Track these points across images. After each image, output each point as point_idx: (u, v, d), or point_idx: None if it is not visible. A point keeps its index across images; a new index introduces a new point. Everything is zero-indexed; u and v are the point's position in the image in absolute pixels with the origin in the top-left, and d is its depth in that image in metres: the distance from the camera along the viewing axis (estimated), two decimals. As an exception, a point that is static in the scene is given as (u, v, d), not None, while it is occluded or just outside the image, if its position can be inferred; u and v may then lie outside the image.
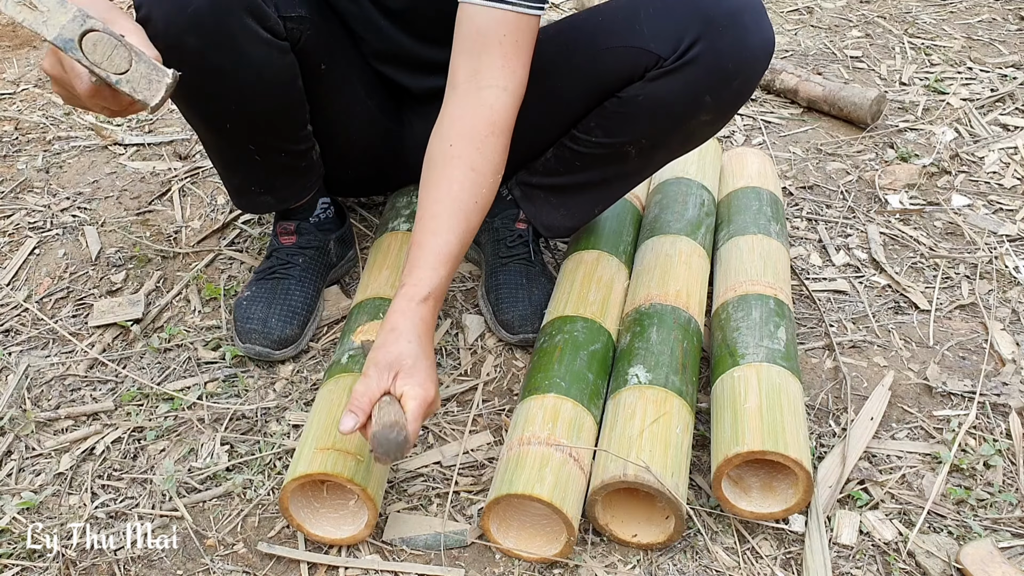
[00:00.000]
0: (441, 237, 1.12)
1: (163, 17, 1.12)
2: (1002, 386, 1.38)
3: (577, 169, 1.41)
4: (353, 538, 1.13)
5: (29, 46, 2.43)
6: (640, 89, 1.28)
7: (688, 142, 1.38)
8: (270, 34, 1.18)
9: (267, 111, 1.25)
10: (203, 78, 1.17)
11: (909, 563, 1.13)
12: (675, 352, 1.27)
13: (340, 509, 1.15)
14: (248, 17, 1.15)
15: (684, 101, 1.27)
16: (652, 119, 1.30)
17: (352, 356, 1.26)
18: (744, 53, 1.23)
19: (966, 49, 2.47)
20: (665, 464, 1.10)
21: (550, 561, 1.12)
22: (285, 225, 1.49)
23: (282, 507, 1.12)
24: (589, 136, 1.35)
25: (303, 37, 1.25)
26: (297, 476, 1.09)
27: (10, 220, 1.75)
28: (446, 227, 1.13)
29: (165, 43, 1.12)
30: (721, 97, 1.27)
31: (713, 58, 1.22)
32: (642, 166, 1.40)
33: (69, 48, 0.90)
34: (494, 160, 1.18)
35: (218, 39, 1.14)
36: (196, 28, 1.12)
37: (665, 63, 1.25)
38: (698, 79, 1.24)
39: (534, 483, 1.08)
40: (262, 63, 1.19)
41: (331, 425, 1.14)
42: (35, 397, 1.36)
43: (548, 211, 1.48)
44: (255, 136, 1.30)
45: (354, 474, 1.09)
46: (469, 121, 1.17)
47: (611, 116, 1.32)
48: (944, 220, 1.78)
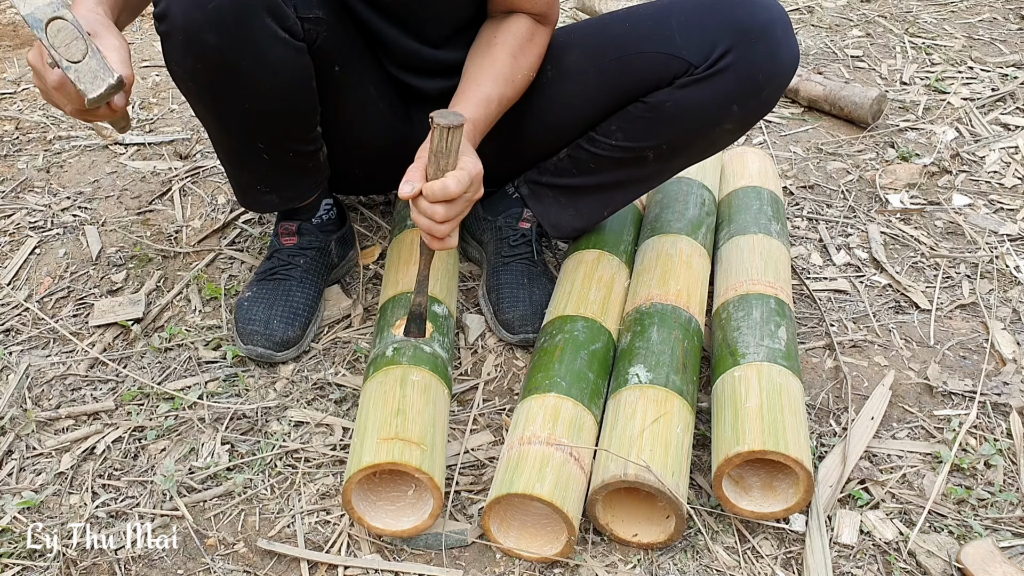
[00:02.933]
0: (481, 88, 1.27)
1: (182, 12, 1.12)
2: (1003, 385, 1.38)
3: (591, 171, 1.41)
4: (416, 529, 1.12)
5: (29, 46, 2.43)
6: (668, 95, 1.29)
7: (708, 150, 1.39)
8: (288, 34, 1.18)
9: (280, 111, 1.25)
10: (218, 75, 1.17)
11: (910, 563, 1.13)
12: (676, 352, 1.27)
13: (397, 501, 1.14)
14: (268, 17, 1.14)
15: (711, 109, 1.28)
16: (677, 125, 1.31)
17: (397, 349, 1.25)
18: (775, 65, 1.25)
19: (967, 48, 2.46)
20: (666, 464, 1.10)
21: (551, 560, 1.12)
22: (287, 225, 1.49)
23: (344, 500, 1.11)
24: (608, 139, 1.36)
25: (319, 38, 1.24)
26: (364, 467, 1.08)
27: (11, 220, 1.75)
28: (487, 82, 1.28)
29: (183, 38, 1.13)
30: (748, 107, 1.28)
31: (744, 68, 1.24)
32: (658, 171, 1.41)
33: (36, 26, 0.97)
34: (531, 60, 1.34)
35: (237, 37, 1.14)
36: (216, 25, 1.12)
37: (696, 71, 1.26)
38: (727, 88, 1.26)
39: (535, 483, 1.08)
40: (279, 63, 1.19)
41: (391, 415, 1.13)
42: (36, 396, 1.36)
43: (556, 211, 1.48)
44: (265, 135, 1.29)
45: (421, 462, 1.09)
46: (513, 27, 1.33)
47: (635, 120, 1.33)
48: (945, 220, 1.78)
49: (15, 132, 2.05)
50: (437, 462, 1.12)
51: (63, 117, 2.10)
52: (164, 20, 1.13)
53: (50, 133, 2.04)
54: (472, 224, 1.60)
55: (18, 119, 2.09)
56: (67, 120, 2.09)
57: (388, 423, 1.13)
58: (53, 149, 1.98)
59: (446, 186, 1.11)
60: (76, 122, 2.08)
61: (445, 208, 1.13)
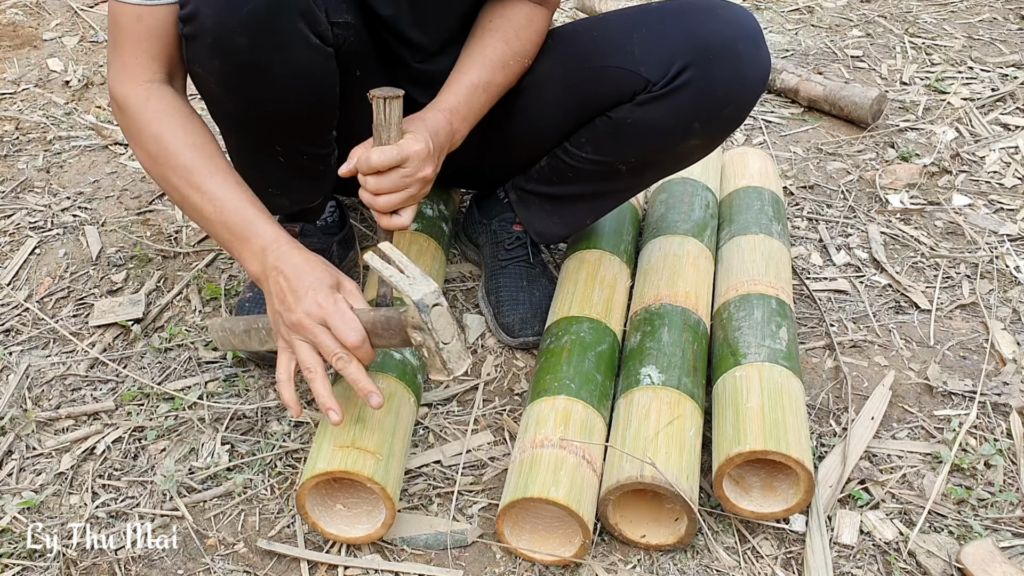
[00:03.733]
0: (467, 76, 1.26)
1: (213, 14, 1.09)
2: (1003, 385, 1.38)
3: (569, 180, 1.41)
4: (368, 537, 1.13)
5: (30, 46, 2.43)
6: (629, 112, 1.28)
7: (679, 163, 1.38)
8: (319, 39, 1.16)
9: (302, 114, 1.23)
10: (243, 77, 1.14)
11: (910, 563, 1.13)
12: (686, 354, 1.27)
13: (355, 508, 1.15)
14: (301, 21, 1.12)
15: (672, 126, 1.27)
16: (640, 142, 1.30)
17: None
18: (736, 82, 1.23)
19: (967, 48, 2.46)
20: (680, 467, 1.11)
21: (566, 563, 1.11)
22: (290, 227, 1.48)
23: (299, 504, 1.11)
24: (580, 151, 1.36)
25: (345, 43, 1.23)
26: (316, 473, 1.09)
27: (11, 220, 1.75)
28: (474, 69, 1.26)
29: (212, 40, 1.10)
30: (711, 124, 1.27)
31: (703, 86, 1.22)
32: (633, 183, 1.41)
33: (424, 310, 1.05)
34: (526, 46, 1.31)
35: (268, 40, 1.11)
36: (248, 28, 1.09)
37: (654, 88, 1.24)
38: (686, 106, 1.24)
39: (550, 486, 1.08)
40: (307, 67, 1.17)
41: (349, 423, 1.14)
42: (36, 397, 1.36)
43: (542, 217, 1.48)
44: (284, 137, 1.27)
45: (374, 473, 1.09)
46: (508, 12, 1.30)
47: (601, 135, 1.32)
48: (945, 220, 1.78)
49: (15, 132, 2.04)
50: (393, 472, 1.12)
51: (63, 117, 2.10)
52: (192, 22, 1.10)
53: (50, 133, 2.04)
54: (469, 227, 1.61)
55: (18, 119, 2.09)
56: (67, 120, 2.09)
57: (346, 431, 1.13)
58: (53, 149, 1.98)
59: (368, 158, 1.13)
60: (76, 122, 2.08)
61: (375, 180, 1.14)
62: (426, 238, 1.49)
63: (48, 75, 2.28)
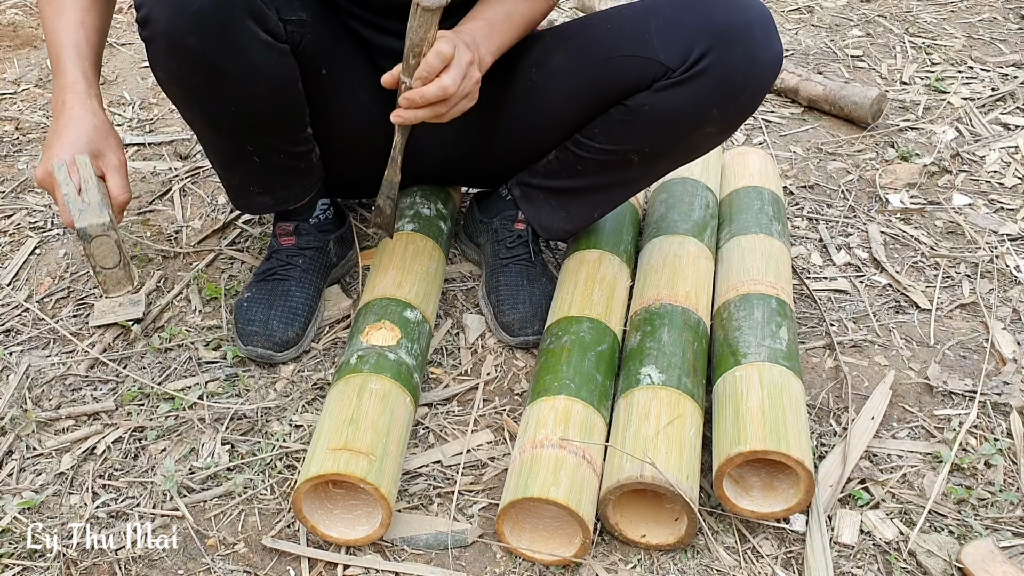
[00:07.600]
0: (487, 11, 1.27)
1: (164, 17, 1.12)
2: (1003, 385, 1.38)
3: (579, 173, 1.41)
4: (368, 538, 1.13)
5: (30, 46, 2.43)
6: (647, 99, 1.28)
7: (692, 152, 1.38)
8: (270, 36, 1.18)
9: (266, 112, 1.25)
10: (202, 78, 1.17)
11: (910, 562, 1.13)
12: (686, 354, 1.27)
13: (353, 510, 1.15)
14: (249, 19, 1.15)
15: (690, 112, 1.27)
16: (657, 129, 1.30)
17: (361, 357, 1.26)
18: (753, 67, 1.24)
19: (967, 48, 2.46)
20: (681, 467, 1.11)
21: (566, 563, 1.11)
22: (284, 226, 1.49)
23: (295, 508, 1.12)
24: (593, 142, 1.36)
25: (303, 40, 1.25)
26: (310, 477, 1.09)
27: (11, 220, 1.75)
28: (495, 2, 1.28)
29: (166, 42, 1.13)
30: (727, 110, 1.27)
31: (722, 71, 1.23)
32: (644, 173, 1.41)
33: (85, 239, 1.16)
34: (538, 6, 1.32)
35: (219, 40, 1.14)
36: (197, 28, 1.12)
37: (673, 74, 1.25)
38: (705, 91, 1.25)
39: (550, 486, 1.08)
40: (262, 65, 1.19)
41: (342, 425, 1.14)
42: (36, 397, 1.36)
43: (547, 213, 1.48)
44: (254, 137, 1.29)
45: (367, 473, 1.09)
46: None
47: (616, 123, 1.32)
48: (945, 219, 1.78)
49: (15, 132, 2.04)
50: (387, 472, 1.12)
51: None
52: (147, 25, 1.13)
53: (50, 133, 2.04)
54: (469, 227, 1.61)
55: (18, 119, 2.09)
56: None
57: (339, 433, 1.13)
58: (53, 149, 1.98)
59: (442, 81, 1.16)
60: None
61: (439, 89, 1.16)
62: (423, 238, 1.49)
63: (48, 75, 2.28)
